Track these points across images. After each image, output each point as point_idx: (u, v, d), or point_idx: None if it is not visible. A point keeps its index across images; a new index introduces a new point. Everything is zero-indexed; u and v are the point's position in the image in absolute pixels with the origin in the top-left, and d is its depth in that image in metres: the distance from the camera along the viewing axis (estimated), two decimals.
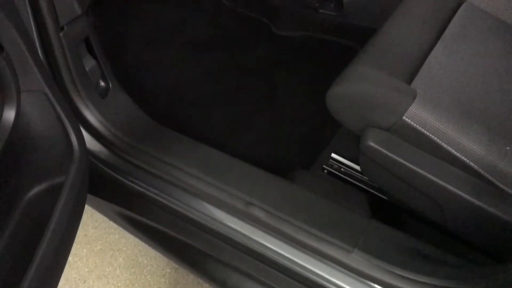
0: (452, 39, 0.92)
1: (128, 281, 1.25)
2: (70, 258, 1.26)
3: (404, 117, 0.75)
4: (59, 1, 0.89)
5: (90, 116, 0.97)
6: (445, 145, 0.73)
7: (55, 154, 0.78)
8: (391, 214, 0.98)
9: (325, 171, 1.08)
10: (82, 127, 0.95)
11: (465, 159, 0.72)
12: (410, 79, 0.83)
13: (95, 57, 1.01)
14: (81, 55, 0.98)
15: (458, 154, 0.73)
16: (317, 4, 1.36)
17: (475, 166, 0.72)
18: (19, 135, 0.73)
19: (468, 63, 0.88)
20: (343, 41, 1.41)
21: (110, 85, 1.03)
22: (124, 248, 1.31)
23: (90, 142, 0.97)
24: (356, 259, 0.78)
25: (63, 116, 0.77)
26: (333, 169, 1.07)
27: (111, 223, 1.30)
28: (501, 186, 0.71)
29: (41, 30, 0.89)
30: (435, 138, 0.74)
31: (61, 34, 0.91)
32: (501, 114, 0.81)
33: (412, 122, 0.75)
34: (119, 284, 1.25)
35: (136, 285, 1.25)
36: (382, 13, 1.24)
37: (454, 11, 0.98)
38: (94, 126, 0.97)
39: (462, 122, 0.75)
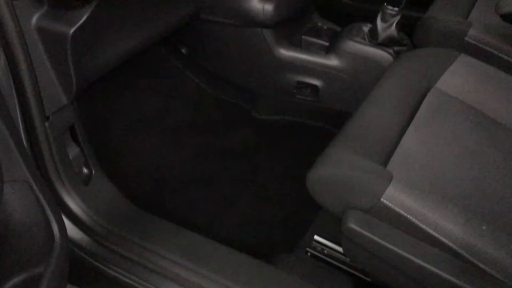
0: (423, 123, 0.97)
1: None
2: None
3: (382, 199, 0.77)
4: (46, 91, 0.92)
5: (72, 204, 0.97)
6: (424, 226, 0.75)
7: (35, 245, 0.77)
8: None
9: (309, 253, 1.08)
10: (64, 215, 0.95)
11: (444, 240, 0.74)
12: (385, 161, 0.86)
13: (79, 144, 1.03)
14: (65, 143, 1.00)
15: (436, 234, 0.74)
16: (294, 90, 1.43)
17: (454, 246, 0.73)
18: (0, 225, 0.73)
19: (440, 145, 0.93)
20: (320, 125, 1.47)
21: (93, 172, 1.05)
22: None
23: (72, 229, 0.96)
24: None
25: (46, 206, 0.77)
26: (316, 251, 1.07)
27: None
28: (481, 265, 0.72)
29: (26, 119, 0.92)
30: (414, 219, 0.76)
31: (46, 124, 0.94)
32: (475, 194, 0.83)
33: (390, 204, 0.77)
34: None
35: None
36: (355, 98, 1.32)
37: (423, 96, 1.04)
38: (76, 214, 0.97)
39: (438, 203, 0.77)
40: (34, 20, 0.88)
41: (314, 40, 1.44)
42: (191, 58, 1.58)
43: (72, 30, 0.89)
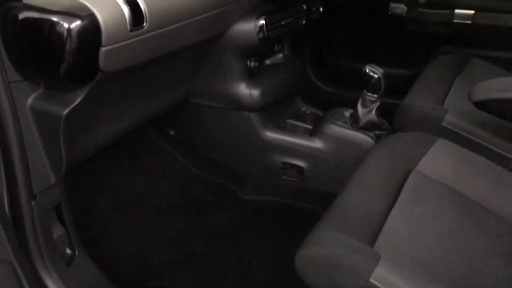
0: (407, 204, 0.99)
1: None
2: None
3: (371, 279, 0.77)
4: (35, 170, 0.93)
5: (53, 286, 0.94)
6: None
7: None
8: None
9: None
10: None
11: None
12: (372, 241, 0.87)
13: (64, 224, 1.02)
14: (50, 222, 0.99)
15: None
16: (280, 171, 1.46)
17: None
18: None
19: (425, 225, 0.94)
20: (306, 205, 1.49)
21: (77, 253, 1.03)
22: None
23: None
24: None
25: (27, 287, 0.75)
26: None
27: None
28: None
29: (13, 197, 0.91)
30: None
31: (33, 203, 0.93)
32: (462, 275, 0.84)
33: (379, 284, 0.77)
34: None
35: None
36: (339, 179, 1.34)
37: (405, 178, 1.07)
38: None
39: (425, 282, 0.77)
40: (29, 101, 0.90)
41: (298, 123, 1.50)
42: (179, 140, 1.62)
43: (66, 111, 0.91)
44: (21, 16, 0.82)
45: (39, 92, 0.91)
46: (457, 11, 1.75)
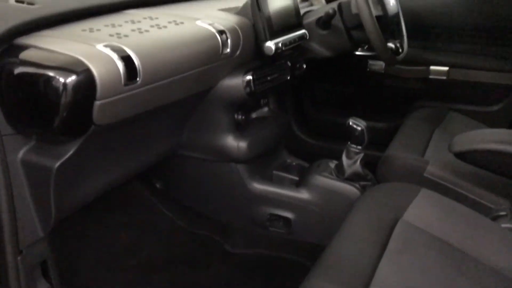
0: (395, 254, 1.00)
1: None
2: None
3: None
4: (23, 224, 0.92)
5: None
6: None
7: None
8: None
9: None
10: None
11: None
12: None
13: (49, 281, 1.00)
14: (35, 278, 0.97)
15: None
16: (267, 223, 1.46)
17: None
18: None
19: (413, 275, 0.95)
20: (293, 258, 1.48)
21: None
22: None
23: None
24: None
25: None
26: None
27: None
28: None
29: None
30: None
31: (19, 258, 0.91)
32: None
33: None
34: None
35: None
36: (326, 230, 1.35)
37: (392, 228, 1.09)
38: None
39: None
40: (20, 154, 0.90)
41: (285, 175, 1.52)
42: (165, 192, 1.61)
43: (58, 164, 0.92)
44: (17, 71, 0.83)
45: (30, 145, 0.91)
46: (432, 67, 1.85)
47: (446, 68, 1.83)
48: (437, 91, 1.88)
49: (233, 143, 1.35)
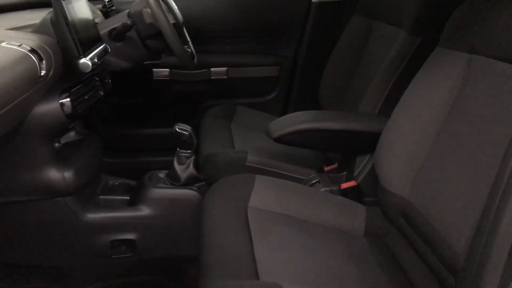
0: (260, 238, 1.09)
1: None
2: None
3: None
4: None
5: None
6: None
7: None
8: None
9: None
10: None
11: None
12: (256, 276, 0.94)
13: None
14: None
15: None
16: (109, 251, 1.36)
17: None
18: None
19: (284, 251, 1.06)
20: (147, 278, 1.42)
21: None
22: None
23: None
24: None
25: None
26: None
27: None
28: None
29: None
30: None
31: None
32: (325, 276, 0.99)
33: None
34: None
35: None
36: (174, 241, 1.35)
37: (246, 216, 1.17)
38: None
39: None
40: None
41: (113, 197, 1.44)
42: None
43: None
44: None
45: None
46: (213, 69, 2.00)
47: (225, 69, 2.01)
48: (222, 90, 2.05)
49: (58, 175, 1.21)
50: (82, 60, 1.14)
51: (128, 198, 1.43)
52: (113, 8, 1.80)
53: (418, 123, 1.11)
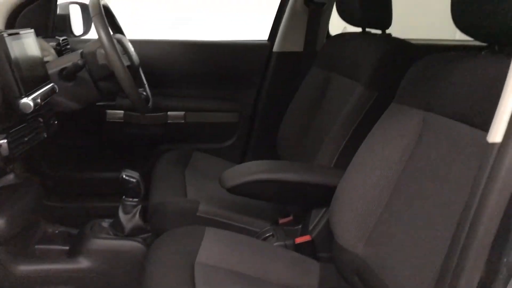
0: None
1: None
2: None
3: None
4: None
5: None
6: None
7: None
8: None
9: None
10: None
11: None
12: None
13: None
14: None
15: None
16: None
17: None
18: None
19: None
20: None
21: None
22: None
23: None
24: None
25: None
26: None
27: None
28: None
29: None
30: None
31: None
32: None
33: None
34: None
35: None
36: None
37: (192, 273, 1.09)
38: None
39: None
40: None
41: (50, 247, 1.32)
42: None
43: None
44: None
45: None
46: (170, 113, 1.95)
47: (182, 113, 1.96)
48: (178, 134, 1.99)
49: None
50: (23, 100, 1.07)
51: (68, 248, 1.32)
52: (68, 46, 1.75)
53: (372, 179, 1.08)
